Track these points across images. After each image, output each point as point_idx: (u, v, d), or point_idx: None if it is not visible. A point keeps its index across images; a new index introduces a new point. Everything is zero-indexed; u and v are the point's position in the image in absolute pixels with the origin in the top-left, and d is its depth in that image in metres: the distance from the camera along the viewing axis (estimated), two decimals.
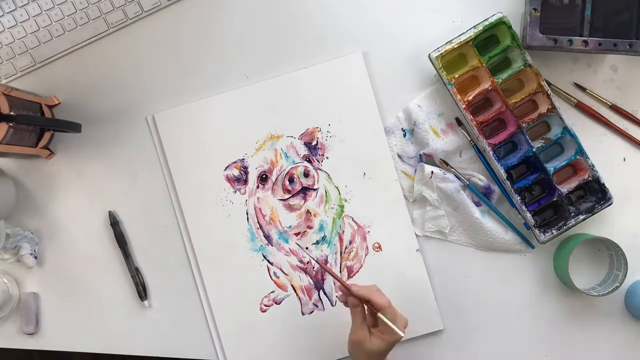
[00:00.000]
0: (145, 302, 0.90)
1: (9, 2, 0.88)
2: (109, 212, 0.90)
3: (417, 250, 0.88)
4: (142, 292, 0.90)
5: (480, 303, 0.89)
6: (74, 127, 0.85)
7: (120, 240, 0.90)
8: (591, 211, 0.86)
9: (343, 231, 0.89)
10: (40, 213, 0.91)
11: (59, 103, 0.90)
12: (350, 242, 0.89)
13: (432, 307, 0.88)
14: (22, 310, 0.90)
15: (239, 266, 0.89)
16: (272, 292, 0.89)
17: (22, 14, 0.88)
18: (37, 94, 0.89)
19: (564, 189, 0.86)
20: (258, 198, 0.89)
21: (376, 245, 0.89)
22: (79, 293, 0.91)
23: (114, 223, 0.90)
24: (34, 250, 0.89)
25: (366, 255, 0.89)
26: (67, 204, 0.91)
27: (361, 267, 0.89)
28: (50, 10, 0.88)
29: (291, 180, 0.89)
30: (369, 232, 0.89)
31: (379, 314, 0.76)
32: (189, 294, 0.90)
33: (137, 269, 0.90)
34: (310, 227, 0.89)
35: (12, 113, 0.78)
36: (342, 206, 0.89)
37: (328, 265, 0.89)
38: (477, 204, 0.88)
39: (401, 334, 0.75)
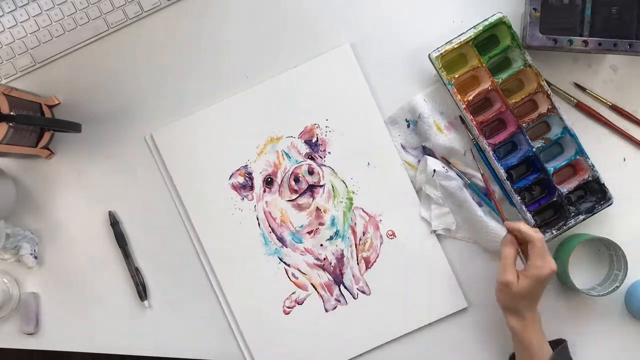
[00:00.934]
0: (145, 302, 0.90)
1: (9, 2, 0.88)
2: (109, 212, 0.90)
3: (431, 232, 0.88)
4: (142, 292, 0.90)
5: (479, 303, 0.89)
6: (74, 127, 0.85)
7: (120, 240, 0.90)
8: (591, 211, 0.86)
9: (355, 223, 0.89)
10: (40, 213, 0.91)
11: (59, 103, 0.90)
12: (364, 233, 0.89)
13: (454, 286, 0.88)
14: (22, 310, 0.90)
15: (256, 272, 0.89)
16: (292, 293, 0.89)
17: (22, 14, 0.88)
18: (37, 94, 0.88)
19: (564, 189, 0.86)
20: (266, 202, 0.89)
21: (390, 232, 0.89)
22: (79, 293, 0.91)
23: (114, 223, 0.90)
24: (34, 250, 0.89)
25: (381, 244, 0.89)
26: (67, 204, 0.91)
27: (378, 256, 0.89)
28: (50, 10, 0.88)
29: (297, 180, 0.89)
30: (380, 220, 0.89)
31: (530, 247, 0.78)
32: (189, 293, 0.90)
33: (137, 269, 0.90)
34: (322, 224, 0.89)
35: (12, 113, 0.78)
36: (350, 199, 0.89)
37: (344, 259, 0.89)
38: (479, 205, 0.88)
39: (552, 265, 0.77)
